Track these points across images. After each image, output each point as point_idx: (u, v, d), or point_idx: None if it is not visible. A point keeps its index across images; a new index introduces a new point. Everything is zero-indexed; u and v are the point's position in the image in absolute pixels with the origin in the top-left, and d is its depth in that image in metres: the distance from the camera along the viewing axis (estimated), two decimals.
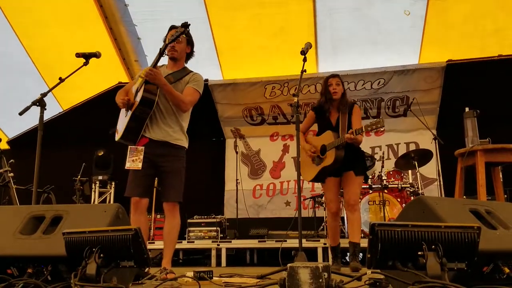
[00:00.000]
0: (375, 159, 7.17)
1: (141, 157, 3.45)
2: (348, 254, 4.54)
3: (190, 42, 3.73)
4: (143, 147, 3.48)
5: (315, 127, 4.61)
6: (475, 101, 4.96)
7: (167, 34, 3.63)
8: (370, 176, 6.32)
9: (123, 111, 3.71)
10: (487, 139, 4.45)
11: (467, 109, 4.60)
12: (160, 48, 3.46)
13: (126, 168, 3.49)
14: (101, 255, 2.15)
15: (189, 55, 3.78)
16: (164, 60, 3.70)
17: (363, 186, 6.38)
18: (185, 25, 3.29)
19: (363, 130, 3.97)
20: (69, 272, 2.23)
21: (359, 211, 4.37)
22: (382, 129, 3.65)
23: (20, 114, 3.43)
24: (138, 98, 3.44)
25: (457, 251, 1.94)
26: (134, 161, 3.46)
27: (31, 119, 4.26)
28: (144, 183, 3.51)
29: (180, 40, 3.52)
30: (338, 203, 4.44)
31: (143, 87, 3.43)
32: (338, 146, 4.10)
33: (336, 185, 4.36)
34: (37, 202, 3.56)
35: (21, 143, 8.25)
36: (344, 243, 4.64)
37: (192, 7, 6.89)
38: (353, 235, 4.27)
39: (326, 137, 4.26)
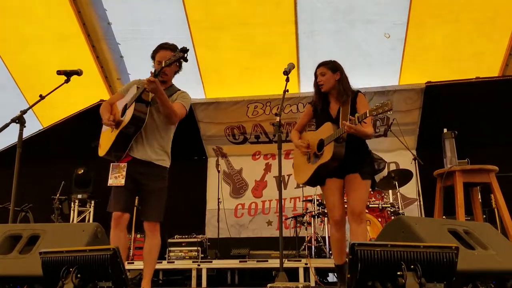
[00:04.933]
0: (386, 162, 6.86)
1: (124, 173, 3.43)
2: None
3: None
4: (125, 164, 3.46)
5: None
6: (454, 122, 5.06)
7: (155, 54, 3.58)
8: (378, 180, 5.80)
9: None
10: (466, 160, 4.52)
11: (445, 130, 4.68)
12: (155, 71, 3.40)
13: (108, 185, 3.46)
14: (79, 275, 2.12)
15: (177, 71, 3.79)
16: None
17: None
18: (184, 50, 3.19)
19: (367, 115, 3.26)
20: None
21: (365, 222, 3.63)
22: (390, 112, 3.13)
23: None
24: (127, 117, 3.42)
25: (435, 271, 1.96)
26: (116, 178, 3.43)
27: (10, 137, 4.21)
28: (126, 198, 3.47)
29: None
30: (343, 210, 3.63)
31: (133, 105, 3.39)
32: (337, 139, 3.40)
33: (339, 187, 3.62)
34: (14, 221, 3.50)
35: None
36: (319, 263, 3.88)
37: (175, 26, 6.94)
38: None
39: (324, 130, 3.58)
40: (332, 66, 3.77)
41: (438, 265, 1.95)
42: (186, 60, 3.26)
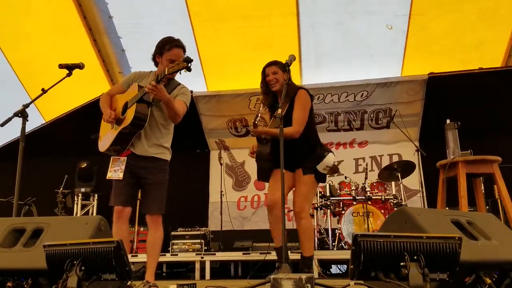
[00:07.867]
0: (330, 150, 5.54)
1: (123, 167, 3.43)
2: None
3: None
4: (125, 158, 3.46)
5: None
6: (457, 113, 5.03)
7: (168, 50, 3.54)
8: (325, 172, 4.02)
9: None
10: (469, 151, 4.50)
11: (448, 121, 4.66)
12: (157, 76, 3.41)
13: (107, 178, 3.47)
14: (83, 268, 2.13)
15: None
16: (153, 66, 3.70)
17: (346, 198, 6.39)
18: (188, 60, 3.21)
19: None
20: (50, 285, 2.21)
21: (308, 219, 3.67)
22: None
23: (2, 125, 3.39)
24: (128, 117, 3.40)
25: (439, 262, 1.96)
26: (115, 171, 3.44)
27: (13, 131, 4.21)
28: (127, 192, 3.48)
29: None
30: (275, 196, 3.60)
31: (134, 106, 3.38)
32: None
33: (286, 177, 3.48)
34: (18, 215, 3.51)
35: (2, 155, 8.12)
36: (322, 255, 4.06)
37: (176, 19, 6.92)
38: (301, 247, 3.71)
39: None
40: (282, 66, 3.80)
41: (441, 255, 1.95)
42: (189, 70, 3.25)
